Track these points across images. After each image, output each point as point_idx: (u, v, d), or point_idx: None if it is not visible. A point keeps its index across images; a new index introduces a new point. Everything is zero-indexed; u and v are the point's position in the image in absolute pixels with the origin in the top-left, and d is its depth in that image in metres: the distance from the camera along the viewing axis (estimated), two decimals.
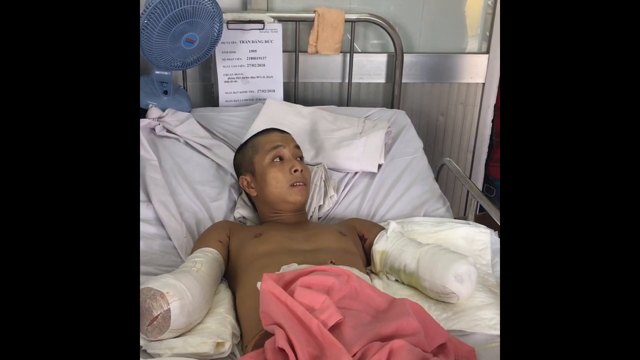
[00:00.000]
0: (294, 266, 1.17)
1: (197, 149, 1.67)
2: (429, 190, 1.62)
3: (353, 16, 1.93)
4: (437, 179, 1.73)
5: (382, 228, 1.41)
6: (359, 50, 2.05)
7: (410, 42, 2.07)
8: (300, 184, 1.39)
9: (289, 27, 1.96)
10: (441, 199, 1.61)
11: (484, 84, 2.13)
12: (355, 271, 1.19)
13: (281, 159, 1.41)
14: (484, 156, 2.24)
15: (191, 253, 1.30)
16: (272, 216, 1.42)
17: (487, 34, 2.09)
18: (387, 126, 1.74)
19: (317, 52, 1.94)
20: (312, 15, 1.90)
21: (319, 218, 1.55)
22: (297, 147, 1.46)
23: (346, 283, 1.10)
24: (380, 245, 1.37)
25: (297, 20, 1.92)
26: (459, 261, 1.22)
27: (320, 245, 1.29)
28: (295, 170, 1.39)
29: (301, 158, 1.45)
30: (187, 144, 1.68)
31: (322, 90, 2.08)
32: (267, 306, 1.01)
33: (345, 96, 2.06)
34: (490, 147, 2.25)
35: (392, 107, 2.03)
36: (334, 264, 1.21)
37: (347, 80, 2.04)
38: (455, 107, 2.17)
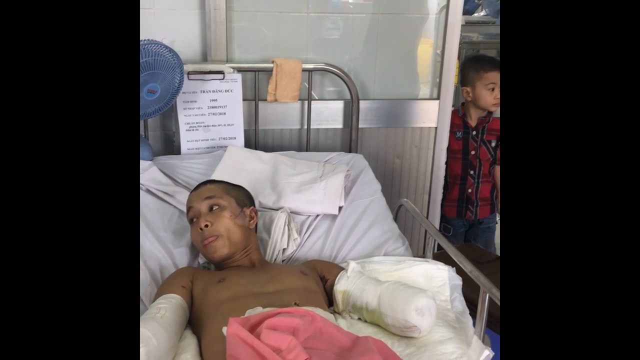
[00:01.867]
0: (259, 309, 1.19)
1: (159, 196, 1.69)
2: (388, 231, 1.68)
3: (310, 66, 2.02)
4: (395, 219, 1.79)
5: (342, 268, 1.45)
6: (317, 98, 2.13)
7: (366, 89, 2.17)
8: (211, 239, 1.40)
9: (248, 77, 2.03)
10: (400, 238, 1.66)
11: (436, 128, 2.23)
12: (319, 311, 1.22)
13: (195, 218, 1.45)
14: (440, 196, 2.32)
15: (154, 300, 1.31)
16: (228, 263, 1.44)
17: (437, 80, 2.20)
18: (347, 170, 1.80)
19: (276, 100, 2.01)
20: (271, 65, 1.97)
21: (282, 260, 1.58)
22: (209, 197, 1.46)
23: (311, 323, 1.13)
24: (342, 285, 1.40)
25: (256, 70, 1.99)
26: (419, 295, 1.27)
27: (283, 286, 1.32)
28: (201, 229, 1.41)
29: (217, 206, 1.45)
30: (149, 191, 1.70)
31: (282, 137, 2.14)
32: (234, 350, 1.03)
33: (305, 142, 2.12)
34: (445, 187, 2.34)
35: (350, 152, 2.10)
36: (298, 305, 1.24)
37: (305, 127, 2.10)
38: (410, 150, 2.26)
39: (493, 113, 2.33)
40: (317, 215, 1.71)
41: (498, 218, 2.47)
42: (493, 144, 2.31)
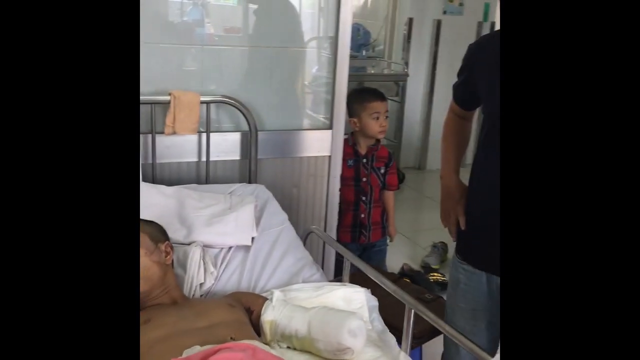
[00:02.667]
0: (197, 348, 1.15)
1: None
2: (302, 258, 1.71)
3: (208, 98, 2.01)
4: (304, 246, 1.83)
5: (266, 299, 1.46)
6: (214, 130, 2.12)
7: (262, 121, 2.20)
8: None
9: (143, 110, 1.97)
10: (314, 264, 1.70)
11: (330, 156, 2.32)
12: (257, 343, 1.22)
13: None
14: (335, 223, 2.41)
15: None
16: (146, 302, 1.38)
17: (330, 111, 2.30)
18: (255, 200, 1.81)
19: (174, 133, 1.97)
20: (168, 98, 1.94)
21: (201, 295, 1.54)
22: None
23: (253, 357, 1.12)
24: (268, 315, 1.40)
25: (152, 103, 1.94)
26: (350, 317, 1.31)
27: (214, 321, 1.29)
28: None
29: None
30: None
31: (179, 170, 2.09)
32: None
33: (203, 174, 2.09)
34: (339, 214, 2.42)
35: (249, 182, 2.11)
36: (234, 339, 1.22)
37: (204, 159, 2.08)
38: (307, 179, 2.32)
39: (380, 141, 2.48)
40: (230, 247, 1.70)
41: (388, 241, 2.60)
42: (382, 171, 2.46)
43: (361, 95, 2.45)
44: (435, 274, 3.01)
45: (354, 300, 1.55)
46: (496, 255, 1.45)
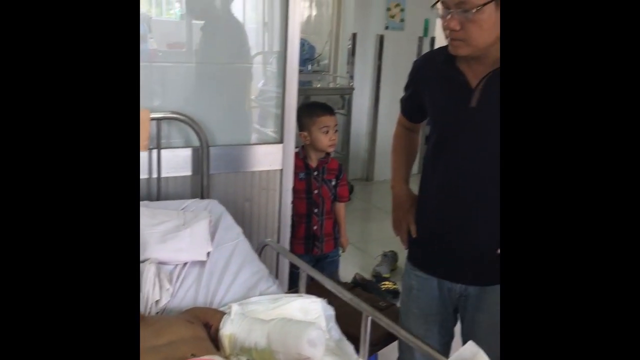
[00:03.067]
0: None
1: None
2: (258, 271, 1.72)
3: (158, 114, 2.00)
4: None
5: (224, 313, 1.46)
6: (165, 146, 2.11)
7: (212, 136, 2.21)
8: None
9: None
10: (271, 277, 1.72)
11: (281, 170, 2.35)
12: (218, 358, 1.22)
13: None
14: (288, 235, 2.43)
15: None
16: None
17: (280, 125, 2.33)
18: (209, 215, 1.81)
19: None
20: None
21: (157, 312, 1.53)
22: None
23: None
24: (227, 329, 1.41)
25: None
26: (309, 327, 1.33)
27: (173, 338, 1.28)
28: None
29: None
30: None
31: None
32: None
33: (155, 190, 2.08)
34: (292, 226, 2.45)
35: (202, 198, 2.11)
36: (195, 356, 1.22)
37: (155, 175, 2.07)
38: (259, 193, 2.33)
39: (331, 154, 2.52)
40: (185, 263, 1.69)
41: (340, 251, 2.64)
42: (333, 183, 2.50)
43: (311, 109, 2.50)
44: (387, 283, 3.07)
45: (311, 310, 1.57)
46: (446, 261, 1.52)
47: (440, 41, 1.45)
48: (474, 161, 1.43)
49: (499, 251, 1.46)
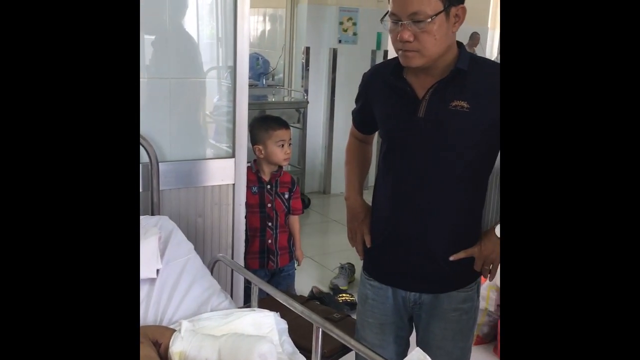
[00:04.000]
0: None
1: None
2: (209, 287, 1.70)
3: None
4: (211, 274, 1.82)
5: (174, 330, 1.44)
6: None
7: (163, 152, 2.18)
8: None
9: None
10: (222, 292, 1.70)
11: (233, 184, 2.33)
12: None
13: None
14: (242, 250, 2.41)
15: None
16: None
17: (232, 140, 2.32)
18: (158, 232, 1.78)
19: None
20: None
21: None
22: None
23: None
24: (177, 346, 1.38)
25: None
26: (260, 341, 1.32)
27: None
28: None
29: None
30: None
31: None
32: None
33: None
34: (247, 241, 2.43)
35: (152, 214, 2.07)
36: None
37: None
38: (211, 208, 2.31)
39: (283, 167, 2.52)
40: None
41: (296, 265, 2.63)
42: (286, 196, 2.50)
43: (266, 123, 2.49)
44: (344, 295, 3.07)
45: (264, 324, 1.56)
46: (400, 269, 1.53)
47: (393, 54, 1.47)
48: (423, 170, 1.45)
49: (451, 258, 1.49)
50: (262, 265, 2.48)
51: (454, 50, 1.42)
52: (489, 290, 2.64)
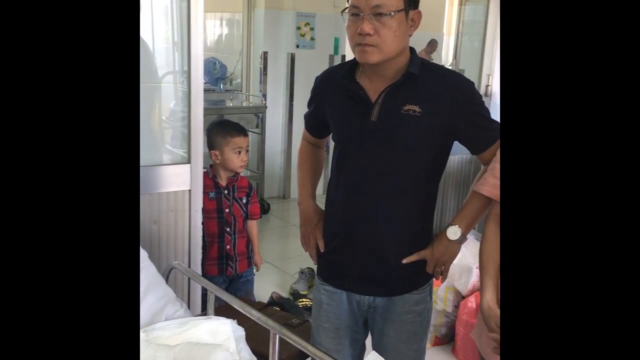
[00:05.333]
0: None
1: None
2: (164, 296, 1.67)
3: None
4: (166, 283, 1.78)
5: None
6: None
7: None
8: None
9: None
10: (178, 301, 1.67)
11: (190, 190, 2.30)
12: None
13: None
14: (199, 257, 2.37)
15: None
16: None
17: (188, 145, 2.28)
18: None
19: None
20: None
21: None
22: None
23: None
24: None
25: None
26: (216, 350, 1.31)
27: None
28: None
29: None
30: None
31: None
32: None
33: None
34: (204, 247, 2.39)
35: None
36: None
37: None
38: (167, 215, 2.27)
39: (240, 172, 2.50)
40: None
41: (255, 270, 2.61)
42: (244, 201, 2.48)
43: (224, 129, 2.47)
44: (304, 300, 3.07)
45: (220, 332, 1.54)
46: (353, 273, 1.53)
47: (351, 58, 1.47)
48: (375, 173, 1.46)
49: (404, 261, 1.50)
50: (220, 272, 2.45)
51: (406, 54, 1.44)
52: (446, 292, 2.67)
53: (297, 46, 4.75)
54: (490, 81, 3.40)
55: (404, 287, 1.53)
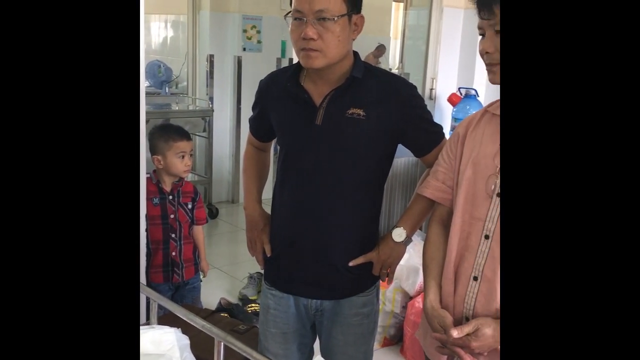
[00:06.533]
0: None
1: None
2: None
3: None
4: None
5: None
6: None
7: None
8: None
9: None
10: None
11: None
12: None
13: None
14: (143, 264, 2.31)
15: None
16: None
17: None
18: None
19: None
20: None
21: None
22: None
23: None
24: None
25: None
26: (159, 359, 1.27)
27: None
28: None
29: None
30: None
31: None
32: None
33: None
34: (148, 255, 2.34)
35: None
36: None
37: None
38: None
39: (184, 177, 2.45)
40: None
41: (202, 276, 2.57)
42: (189, 206, 2.43)
43: (166, 133, 2.42)
44: (253, 305, 3.04)
45: (164, 341, 1.49)
46: (300, 277, 1.53)
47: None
48: (321, 177, 1.46)
49: (350, 263, 1.50)
50: (166, 279, 2.40)
51: (350, 58, 1.44)
52: (394, 293, 2.70)
53: (244, 49, 4.72)
54: (434, 84, 3.46)
55: (351, 290, 1.54)
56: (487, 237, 1.19)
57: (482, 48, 1.14)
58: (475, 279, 1.21)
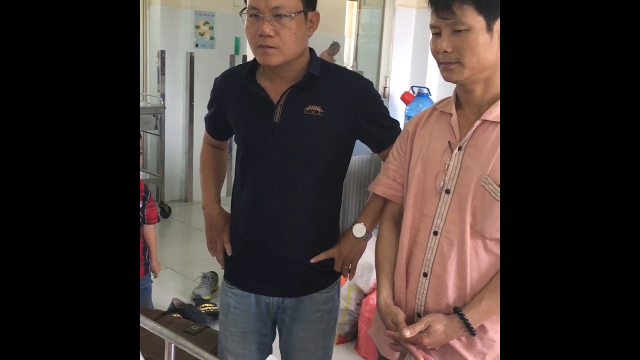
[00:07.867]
0: None
1: None
2: None
3: None
4: None
5: None
6: None
7: None
8: None
9: None
10: None
11: None
12: None
13: None
14: None
15: None
16: None
17: None
18: None
19: None
20: None
21: None
22: None
23: None
24: None
25: None
26: None
27: None
28: None
29: None
30: None
31: None
32: None
33: None
34: None
35: None
36: None
37: None
38: None
39: None
40: None
41: (153, 277, 2.51)
42: (140, 205, 2.37)
43: None
44: (207, 305, 3.00)
45: None
46: (261, 275, 1.51)
47: (252, 59, 1.45)
48: (280, 175, 1.45)
49: (312, 260, 1.49)
50: None
51: (306, 55, 1.43)
52: (349, 290, 2.71)
53: (197, 45, 4.65)
54: (387, 83, 3.49)
55: (313, 287, 1.53)
56: (435, 233, 1.20)
57: (438, 47, 1.14)
58: (425, 275, 1.22)
